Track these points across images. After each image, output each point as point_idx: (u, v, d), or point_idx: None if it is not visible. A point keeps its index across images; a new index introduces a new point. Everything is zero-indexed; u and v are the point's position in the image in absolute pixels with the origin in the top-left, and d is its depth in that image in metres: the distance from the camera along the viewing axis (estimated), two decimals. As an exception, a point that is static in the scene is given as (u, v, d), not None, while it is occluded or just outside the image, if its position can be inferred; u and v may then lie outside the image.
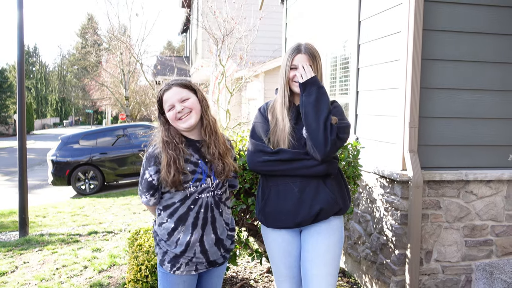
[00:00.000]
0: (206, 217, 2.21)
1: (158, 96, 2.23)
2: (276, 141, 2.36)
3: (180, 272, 2.22)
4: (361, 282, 4.08)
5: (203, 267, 2.27)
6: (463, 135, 3.50)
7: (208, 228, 2.22)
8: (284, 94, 2.39)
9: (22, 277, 4.43)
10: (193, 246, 2.20)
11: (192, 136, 2.27)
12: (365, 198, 3.97)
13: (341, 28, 4.61)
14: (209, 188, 2.22)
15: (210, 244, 2.23)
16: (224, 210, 2.31)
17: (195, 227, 2.19)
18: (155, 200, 2.26)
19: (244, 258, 4.65)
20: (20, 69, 6.25)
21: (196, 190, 2.19)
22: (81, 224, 7.10)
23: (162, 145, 2.19)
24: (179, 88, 2.21)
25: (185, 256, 2.20)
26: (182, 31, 26.28)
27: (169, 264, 2.23)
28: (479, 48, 3.46)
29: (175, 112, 2.17)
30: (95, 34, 32.57)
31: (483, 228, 3.57)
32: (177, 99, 2.18)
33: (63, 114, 67.54)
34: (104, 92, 30.88)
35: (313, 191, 2.32)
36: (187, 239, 2.19)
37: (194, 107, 2.21)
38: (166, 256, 2.24)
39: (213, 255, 2.27)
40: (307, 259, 2.36)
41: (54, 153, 10.70)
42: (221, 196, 2.29)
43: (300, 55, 2.34)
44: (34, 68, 62.78)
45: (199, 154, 2.24)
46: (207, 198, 2.22)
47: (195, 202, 2.19)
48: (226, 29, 9.03)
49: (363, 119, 4.10)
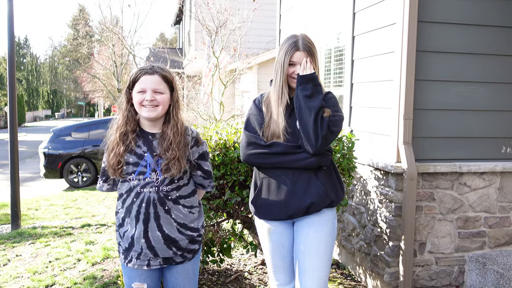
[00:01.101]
0: (148, 212, 2.13)
1: (137, 73, 2.14)
2: (270, 135, 2.35)
3: (132, 265, 2.19)
4: (355, 274, 4.10)
5: (156, 263, 2.19)
6: (457, 127, 3.51)
7: (151, 224, 2.14)
8: (282, 91, 2.36)
9: (15, 270, 4.40)
10: (138, 240, 2.15)
11: (148, 128, 2.20)
12: (360, 190, 3.98)
13: (336, 19, 4.59)
14: (153, 183, 2.14)
15: (157, 241, 2.15)
16: (173, 208, 2.17)
17: (138, 221, 2.14)
18: (108, 187, 2.28)
19: (239, 250, 4.65)
20: (11, 60, 6.18)
21: (139, 183, 2.13)
22: (74, 217, 7.06)
23: (116, 126, 2.17)
24: (160, 78, 2.13)
25: (134, 250, 2.17)
26: (175, 22, 26.09)
27: (122, 256, 2.23)
28: (473, 40, 3.46)
29: (143, 98, 2.10)
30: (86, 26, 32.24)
31: (476, 219, 3.59)
32: (152, 88, 2.10)
33: (55, 107, 67.02)
34: (96, 84, 30.67)
35: (305, 184, 2.32)
36: (132, 232, 2.16)
37: (163, 104, 2.13)
38: (120, 248, 2.25)
39: (163, 252, 2.18)
40: (300, 251, 2.37)
41: (46, 145, 10.62)
42: (169, 193, 2.16)
43: (299, 53, 2.32)
44: (25, 60, 62.15)
45: (148, 147, 2.16)
46: (150, 193, 2.13)
47: (137, 196, 2.14)
48: (220, 21, 8.98)
49: (358, 111, 4.09)
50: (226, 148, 3.26)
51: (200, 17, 9.32)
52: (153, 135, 2.19)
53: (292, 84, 2.36)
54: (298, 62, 2.33)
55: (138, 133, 2.18)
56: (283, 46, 2.37)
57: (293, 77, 2.35)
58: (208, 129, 3.66)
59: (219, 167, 3.22)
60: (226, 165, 3.23)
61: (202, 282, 3.83)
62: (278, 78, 2.36)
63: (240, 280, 3.91)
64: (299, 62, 2.33)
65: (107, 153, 2.17)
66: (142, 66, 2.17)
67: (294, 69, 2.33)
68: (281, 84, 2.36)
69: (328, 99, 2.39)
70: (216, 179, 3.26)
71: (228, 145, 3.26)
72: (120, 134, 2.14)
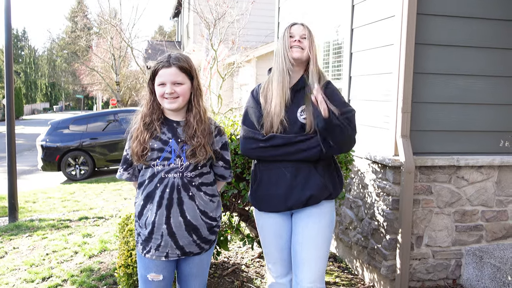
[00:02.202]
0: (172, 197, 2.16)
1: (155, 67, 2.17)
2: (270, 125, 2.33)
3: (150, 255, 2.20)
4: (352, 267, 4.11)
5: (174, 255, 2.21)
6: (455, 120, 3.50)
7: (174, 209, 2.16)
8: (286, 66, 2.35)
9: (12, 262, 4.40)
10: (160, 227, 2.16)
11: (172, 116, 2.24)
12: (357, 184, 3.97)
13: (335, 12, 4.56)
14: (178, 169, 2.17)
15: (178, 227, 2.17)
16: (196, 195, 2.21)
17: (160, 207, 2.16)
18: (128, 175, 2.30)
19: (236, 243, 4.65)
20: (8, 53, 6.14)
21: (163, 169, 2.16)
22: (72, 209, 7.06)
23: (141, 115, 2.22)
24: (178, 70, 2.15)
25: (154, 238, 2.18)
26: (173, 15, 25.97)
27: (141, 247, 2.24)
28: (472, 33, 3.44)
29: (163, 91, 2.14)
30: (85, 18, 32.08)
31: (474, 213, 3.59)
32: (171, 81, 2.13)
33: (53, 99, 66.81)
34: (94, 77, 30.57)
35: (305, 176, 2.32)
36: (152, 218, 2.16)
37: (183, 95, 2.16)
38: (139, 238, 2.25)
39: (183, 240, 2.19)
40: (298, 242, 2.37)
41: (44, 138, 10.59)
42: (193, 179, 2.20)
43: (297, 25, 2.40)
44: (23, 52, 61.88)
45: (173, 133, 2.20)
46: (174, 178, 2.16)
47: (161, 181, 2.16)
48: (218, 13, 8.93)
49: (356, 104, 4.08)
50: (223, 140, 3.24)
51: (198, 9, 9.27)
52: (177, 123, 2.22)
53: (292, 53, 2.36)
54: (296, 33, 2.38)
55: (162, 121, 2.22)
56: (283, 29, 2.43)
57: (291, 47, 2.36)
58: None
59: (216, 160, 3.21)
60: (223, 157, 3.21)
61: (199, 275, 3.82)
62: (280, 57, 2.37)
63: (237, 273, 3.91)
64: (297, 33, 2.38)
65: (130, 141, 2.21)
66: (160, 58, 2.19)
67: (293, 39, 2.38)
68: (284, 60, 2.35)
69: (332, 91, 2.37)
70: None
71: (225, 138, 3.25)
72: (145, 123, 2.19)
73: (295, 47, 2.36)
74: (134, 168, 2.28)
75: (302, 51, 2.37)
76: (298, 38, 2.38)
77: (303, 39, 2.38)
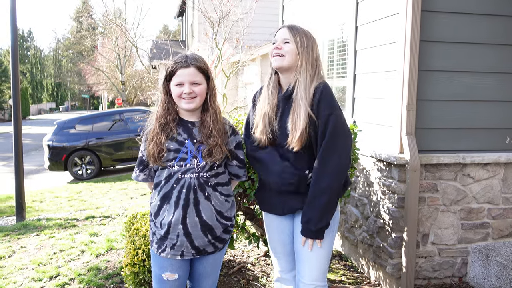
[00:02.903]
0: (188, 198, 2.17)
1: (173, 67, 2.17)
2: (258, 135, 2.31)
3: (165, 254, 2.21)
4: (358, 265, 4.11)
5: (189, 254, 2.22)
6: (461, 118, 3.48)
7: (190, 209, 2.17)
8: (271, 74, 2.35)
9: (20, 261, 4.44)
10: (176, 227, 2.17)
11: (186, 117, 2.25)
12: (362, 182, 3.97)
13: (339, 10, 4.55)
14: (194, 169, 2.18)
15: (194, 227, 2.18)
16: (212, 195, 2.22)
17: (177, 207, 2.17)
18: (144, 176, 2.30)
19: (241, 242, 4.66)
20: (14, 53, 6.18)
21: (180, 170, 2.17)
22: (78, 209, 7.10)
23: (155, 116, 2.23)
24: (196, 70, 2.16)
25: (169, 238, 2.19)
26: (178, 14, 26.00)
27: (156, 245, 2.25)
28: (478, 29, 3.42)
29: (182, 91, 2.15)
30: (90, 18, 32.21)
31: (480, 211, 3.57)
32: (189, 81, 2.15)
33: (59, 99, 67.13)
34: (100, 77, 30.69)
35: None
36: (169, 218, 2.18)
37: (201, 95, 2.18)
38: (154, 237, 2.27)
39: (198, 240, 2.20)
40: (298, 241, 2.37)
41: (50, 138, 10.65)
42: (209, 179, 2.21)
43: (282, 29, 2.30)
44: (28, 52, 62.18)
45: (188, 134, 2.21)
46: (191, 179, 2.17)
47: (177, 182, 2.17)
48: (222, 12, 8.93)
49: (361, 102, 4.07)
50: (228, 139, 3.25)
51: (202, 8, 9.27)
52: (192, 123, 2.23)
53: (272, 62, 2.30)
54: (278, 38, 2.29)
55: (178, 122, 2.23)
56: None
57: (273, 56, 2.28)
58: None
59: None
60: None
61: (205, 273, 3.84)
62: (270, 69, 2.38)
63: (243, 271, 3.92)
64: (279, 38, 2.28)
65: (146, 143, 2.22)
66: (176, 58, 2.20)
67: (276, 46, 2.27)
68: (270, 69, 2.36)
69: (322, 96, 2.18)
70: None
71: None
72: (161, 125, 2.19)
73: (275, 56, 2.27)
74: (150, 169, 2.29)
75: (282, 59, 2.23)
76: (277, 44, 2.26)
77: (285, 43, 2.25)
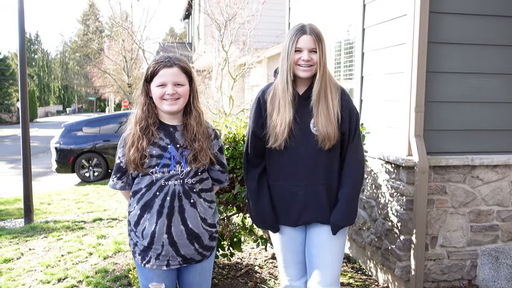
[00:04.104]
0: (173, 205, 2.07)
1: (155, 67, 2.05)
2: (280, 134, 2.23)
3: (150, 265, 2.12)
4: (365, 268, 4.08)
5: (176, 263, 2.13)
6: (469, 119, 3.46)
7: (175, 218, 2.07)
8: (287, 80, 2.21)
9: (28, 263, 4.46)
10: (160, 237, 2.07)
11: (168, 120, 2.14)
12: (370, 184, 3.95)
13: (346, 12, 4.54)
14: (178, 176, 2.08)
15: (179, 236, 2.08)
16: (197, 202, 2.13)
17: (160, 216, 2.06)
18: (122, 184, 2.18)
19: (249, 244, 4.65)
20: (22, 56, 6.22)
21: (163, 176, 2.07)
22: (86, 211, 7.12)
23: (134, 121, 2.10)
24: (180, 70, 2.07)
25: (153, 249, 2.10)
26: (184, 17, 26.07)
27: (139, 257, 2.15)
28: (486, 31, 3.40)
29: (164, 92, 2.04)
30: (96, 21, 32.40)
31: (489, 213, 3.55)
32: (173, 81, 2.04)
33: (66, 102, 67.58)
34: (106, 80, 30.82)
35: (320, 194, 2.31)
36: (152, 228, 2.07)
37: (184, 96, 2.09)
38: (136, 248, 2.16)
39: (185, 249, 2.12)
40: (313, 245, 2.35)
41: (58, 140, 10.70)
42: (194, 185, 2.12)
43: (306, 36, 2.18)
44: (36, 55, 62.63)
45: (171, 139, 2.10)
46: (175, 186, 2.07)
47: (161, 189, 2.07)
48: (229, 14, 8.93)
49: (368, 104, 4.06)
50: (236, 142, 3.25)
51: (209, 11, 9.28)
52: (174, 127, 2.13)
53: (298, 72, 2.21)
54: (305, 47, 2.18)
55: (158, 126, 2.12)
56: (289, 34, 2.24)
57: (299, 65, 2.20)
58: (217, 123, 3.66)
59: (229, 161, 3.22)
60: (235, 159, 3.22)
61: (212, 276, 3.83)
62: (283, 66, 2.23)
63: (250, 274, 3.91)
64: (305, 47, 2.18)
65: (126, 149, 2.09)
66: (157, 58, 2.09)
67: (300, 56, 2.19)
68: (285, 74, 2.22)
69: (351, 111, 2.33)
70: (226, 173, 3.25)
71: (237, 139, 3.26)
72: (141, 128, 2.07)
73: (303, 66, 2.20)
74: (128, 176, 2.16)
75: (311, 69, 2.21)
76: (306, 57, 2.18)
77: (313, 53, 2.20)
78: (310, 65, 2.20)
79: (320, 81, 2.21)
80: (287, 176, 2.30)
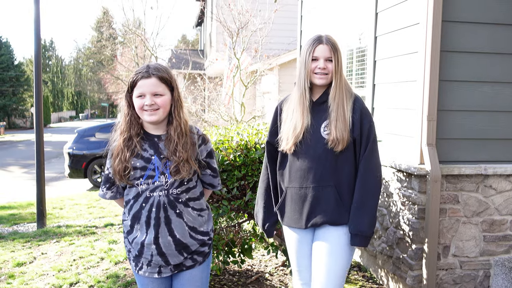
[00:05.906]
0: (158, 217, 2.07)
1: (134, 78, 2.05)
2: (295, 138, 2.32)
3: (143, 272, 2.13)
4: (377, 277, 4.06)
5: (167, 271, 2.13)
6: (482, 128, 3.44)
7: (162, 229, 2.07)
8: (305, 87, 2.32)
9: (40, 267, 4.50)
10: (149, 246, 2.08)
11: (152, 130, 2.13)
12: (382, 192, 3.93)
13: (358, 20, 4.55)
14: (163, 187, 2.07)
15: (167, 247, 2.08)
16: (184, 211, 2.11)
17: (148, 227, 2.07)
18: (112, 194, 2.20)
19: (260, 251, 4.65)
20: (37, 62, 6.31)
21: (148, 188, 2.07)
22: (98, 216, 7.18)
23: (120, 131, 2.11)
24: (158, 81, 2.04)
25: (144, 257, 2.11)
26: (196, 24, 26.27)
27: (133, 263, 2.17)
28: (498, 39, 3.39)
29: (143, 103, 2.03)
30: (110, 28, 32.75)
31: (502, 223, 3.51)
32: (151, 92, 2.03)
33: (79, 108, 68.26)
34: (119, 86, 31.08)
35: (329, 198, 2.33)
36: (141, 239, 2.09)
37: (164, 106, 2.06)
38: (130, 255, 2.18)
39: (174, 259, 2.11)
40: (317, 249, 2.37)
41: (71, 146, 10.81)
42: (179, 196, 2.10)
43: (322, 46, 2.29)
44: (50, 62, 63.45)
45: (155, 150, 2.09)
46: (160, 197, 2.06)
47: (146, 200, 2.07)
48: (241, 22, 9.00)
49: (380, 112, 4.05)
50: (248, 149, 3.27)
51: (221, 18, 9.36)
52: (158, 137, 2.12)
53: (314, 80, 2.32)
54: (321, 56, 2.29)
55: (142, 136, 2.12)
56: (306, 43, 2.35)
57: (315, 73, 2.31)
58: (229, 130, 3.68)
59: (240, 168, 3.23)
60: (247, 166, 3.24)
61: (223, 283, 3.84)
62: (301, 75, 2.35)
63: (261, 281, 3.91)
64: (321, 56, 2.28)
65: (111, 160, 2.10)
66: (138, 69, 2.09)
67: (316, 64, 2.30)
68: (303, 82, 2.33)
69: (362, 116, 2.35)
70: (237, 180, 3.27)
71: (249, 146, 3.27)
72: (124, 140, 2.08)
73: (319, 74, 2.31)
74: (118, 186, 2.18)
75: (326, 77, 2.32)
76: (322, 65, 2.29)
77: (328, 61, 2.31)
78: (326, 73, 2.30)
79: (337, 88, 2.31)
80: (297, 179, 2.37)
